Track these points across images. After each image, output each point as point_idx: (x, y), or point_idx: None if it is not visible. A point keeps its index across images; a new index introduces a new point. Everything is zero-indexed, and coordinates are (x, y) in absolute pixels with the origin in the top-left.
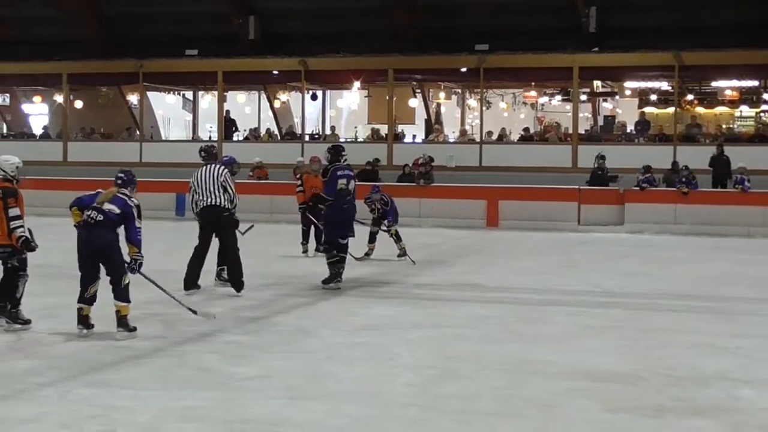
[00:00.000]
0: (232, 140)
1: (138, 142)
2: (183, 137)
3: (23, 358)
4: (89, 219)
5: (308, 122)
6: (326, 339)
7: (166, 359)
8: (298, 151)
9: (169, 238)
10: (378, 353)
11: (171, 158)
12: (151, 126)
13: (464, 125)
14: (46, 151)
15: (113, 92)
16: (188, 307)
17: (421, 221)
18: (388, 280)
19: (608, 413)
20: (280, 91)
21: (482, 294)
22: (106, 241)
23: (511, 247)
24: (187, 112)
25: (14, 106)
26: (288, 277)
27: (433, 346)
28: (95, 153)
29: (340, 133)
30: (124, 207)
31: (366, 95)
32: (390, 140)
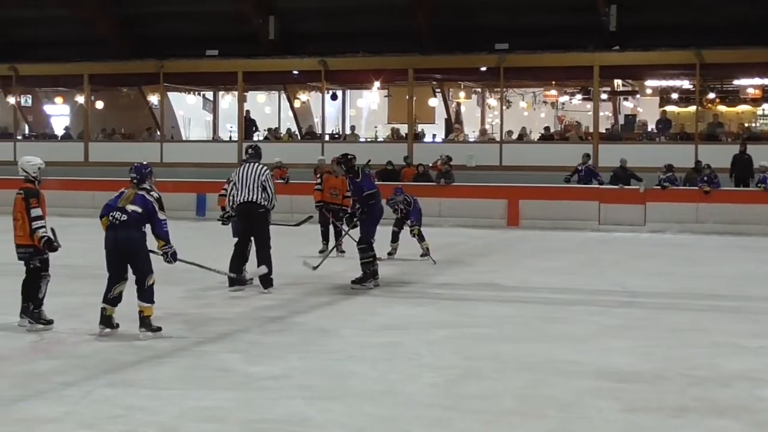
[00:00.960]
0: (252, 140)
1: (159, 143)
2: (203, 137)
3: (46, 358)
4: (114, 220)
5: (328, 122)
6: (347, 339)
7: (187, 359)
8: (318, 151)
9: (189, 238)
10: (399, 353)
11: (191, 158)
12: (171, 126)
13: (484, 124)
14: (67, 151)
15: (134, 93)
16: (228, 273)
17: (442, 221)
18: (409, 279)
19: (630, 413)
20: (300, 90)
21: (503, 294)
22: (132, 241)
23: (531, 247)
24: (207, 113)
25: (36, 107)
26: (308, 277)
27: (455, 345)
28: (116, 153)
29: (360, 133)
30: (145, 204)
31: (386, 95)
32: (410, 140)
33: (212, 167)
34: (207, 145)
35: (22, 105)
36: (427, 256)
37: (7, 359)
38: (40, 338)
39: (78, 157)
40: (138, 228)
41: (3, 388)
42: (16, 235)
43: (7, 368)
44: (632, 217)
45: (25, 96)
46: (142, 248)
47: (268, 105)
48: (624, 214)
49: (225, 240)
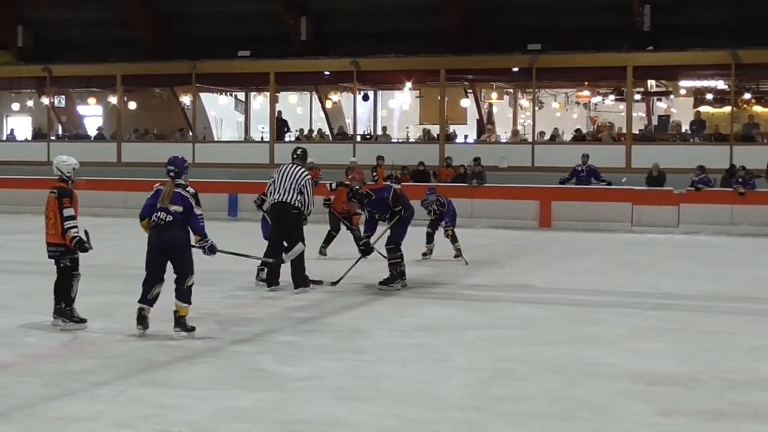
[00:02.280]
0: (283, 141)
1: (191, 143)
2: (235, 138)
3: (79, 357)
4: (159, 221)
5: (360, 123)
6: (379, 340)
7: (220, 359)
8: (350, 152)
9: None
10: (431, 354)
11: (223, 159)
12: (203, 127)
13: (516, 125)
14: (100, 151)
15: (166, 93)
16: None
17: (474, 222)
18: (441, 280)
19: (664, 416)
20: (332, 91)
21: (535, 295)
22: (177, 242)
23: (564, 248)
24: (239, 113)
25: (69, 108)
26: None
27: (487, 347)
28: (149, 153)
29: (392, 134)
30: (184, 202)
31: (417, 95)
32: (442, 141)
33: (244, 168)
34: (239, 146)
35: (56, 106)
36: (460, 257)
37: (41, 358)
38: (73, 337)
39: (111, 157)
40: (183, 228)
41: (37, 387)
42: (48, 234)
43: (42, 367)
44: (666, 218)
45: (58, 97)
46: (186, 249)
47: (300, 105)
48: (657, 216)
49: (257, 241)
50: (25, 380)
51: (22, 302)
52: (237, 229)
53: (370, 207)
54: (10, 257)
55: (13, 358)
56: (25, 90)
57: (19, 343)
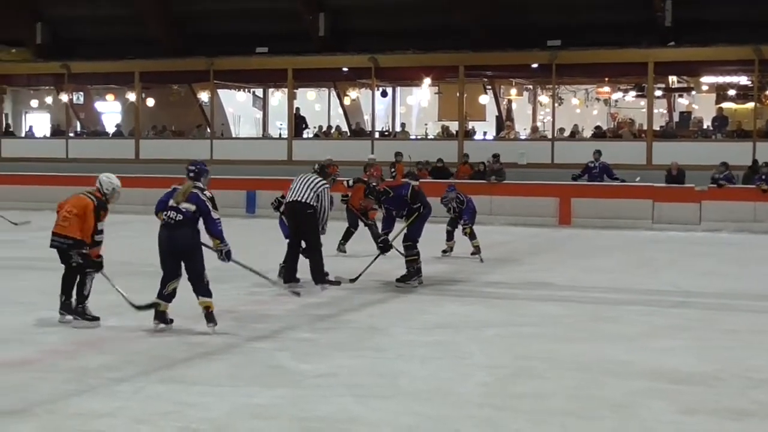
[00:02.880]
0: (301, 137)
1: (209, 140)
2: (253, 135)
3: (98, 354)
4: (169, 220)
5: (378, 119)
6: (397, 337)
7: (238, 356)
8: (368, 148)
9: (239, 235)
10: (450, 352)
11: (241, 155)
12: (221, 123)
13: (536, 122)
14: (118, 148)
15: (184, 90)
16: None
17: (493, 219)
18: (460, 278)
19: (685, 415)
20: (350, 88)
21: (555, 293)
22: (188, 241)
23: (583, 246)
24: (257, 110)
25: (88, 105)
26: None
27: (506, 344)
28: (167, 150)
29: (410, 130)
30: (199, 203)
31: (436, 92)
32: (460, 137)
33: (262, 164)
34: (257, 143)
35: (75, 102)
36: (477, 255)
37: (60, 354)
38: (91, 334)
39: (129, 154)
40: (193, 227)
41: (57, 383)
42: (58, 224)
43: (61, 363)
44: (687, 215)
45: (77, 93)
46: (197, 248)
47: (318, 102)
48: (678, 213)
49: (275, 238)
50: (46, 377)
51: (44, 299)
52: (255, 227)
53: (387, 204)
54: (33, 254)
55: (34, 354)
56: (44, 87)
57: (40, 340)
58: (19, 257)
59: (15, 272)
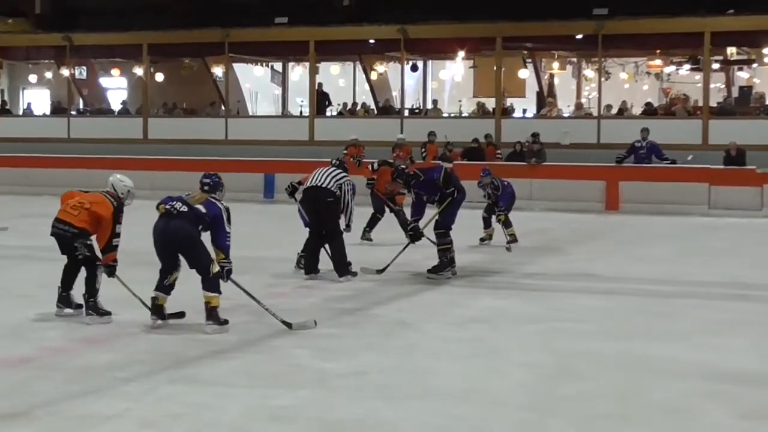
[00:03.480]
0: (324, 116)
1: (223, 118)
2: (272, 113)
3: (104, 352)
4: (172, 209)
5: (408, 96)
6: (428, 333)
7: (254, 354)
8: (397, 128)
9: (256, 222)
10: (485, 349)
11: (259, 135)
12: (237, 100)
13: (580, 98)
14: (125, 127)
15: (197, 64)
16: (281, 319)
17: (532, 204)
18: (496, 269)
19: (746, 420)
20: (377, 61)
21: (600, 285)
22: (186, 232)
23: (632, 233)
24: (276, 86)
25: (91, 80)
26: (383, 264)
27: (546, 341)
28: (177, 130)
29: (443, 108)
30: (214, 209)
31: (471, 66)
32: (498, 115)
33: (281, 145)
34: (276, 121)
35: (77, 78)
36: (512, 244)
37: (63, 352)
38: (97, 331)
39: (136, 133)
40: (194, 224)
41: (59, 383)
42: (67, 212)
43: (65, 362)
44: (747, 200)
45: (79, 68)
46: (196, 238)
47: (342, 77)
48: (737, 198)
49: (294, 226)
50: (47, 376)
51: (44, 292)
52: (273, 213)
53: (417, 188)
54: (32, 242)
55: (34, 352)
56: (44, 60)
57: (40, 337)
58: (15, 246)
59: (12, 262)
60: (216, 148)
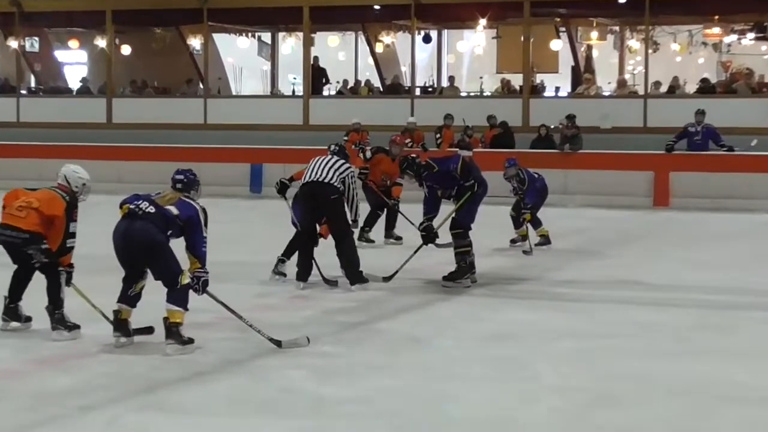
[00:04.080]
0: (321, 95)
1: (202, 99)
2: (259, 92)
3: (60, 375)
4: (136, 209)
5: (419, 72)
6: (445, 351)
7: (241, 377)
8: (407, 109)
9: (241, 220)
10: (513, 370)
11: (244, 118)
12: (218, 78)
13: (623, 74)
14: (85, 109)
15: (170, 35)
16: (269, 336)
17: (567, 199)
18: (524, 275)
19: None
20: (384, 31)
21: (648, 294)
22: (150, 236)
23: (685, 233)
24: (263, 60)
25: (45, 53)
26: (392, 271)
27: (585, 361)
28: (148, 112)
29: (461, 86)
30: (188, 210)
31: (494, 36)
32: (525, 94)
33: (270, 129)
34: (264, 102)
35: (27, 50)
36: (544, 244)
37: (14, 376)
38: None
39: (98, 117)
40: (162, 228)
41: (9, 413)
42: (12, 214)
43: (15, 387)
44: None
45: (30, 39)
46: (163, 244)
47: (342, 50)
48: None
49: (288, 225)
50: None
51: None
52: (261, 210)
53: (430, 181)
54: None
55: None
56: None
57: None
58: None
59: None
60: (194, 133)
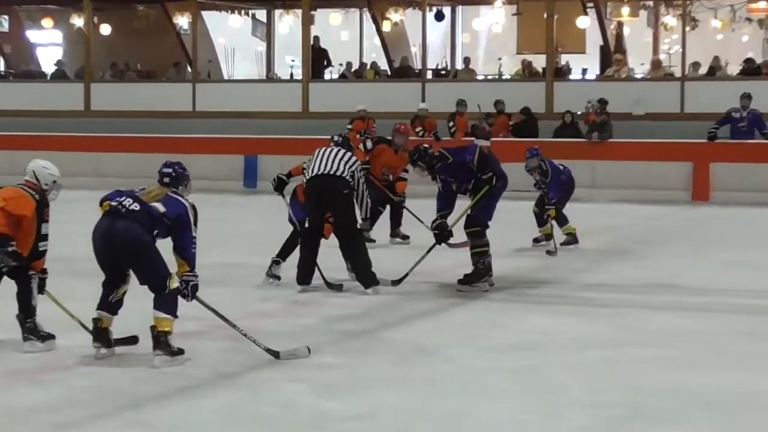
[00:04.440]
0: (322, 79)
1: (190, 84)
2: (253, 76)
3: (35, 388)
4: (119, 206)
5: (431, 53)
6: (460, 363)
7: (234, 391)
8: (417, 95)
9: (234, 218)
10: (535, 383)
11: (237, 105)
12: (208, 60)
13: (658, 54)
14: (60, 95)
15: (155, 12)
16: (265, 347)
17: (595, 193)
18: (548, 278)
19: None
20: (392, 8)
21: (684, 299)
22: (134, 235)
23: (727, 231)
24: (258, 40)
25: (16, 33)
26: (401, 274)
27: (615, 373)
28: (130, 99)
29: (477, 68)
30: (176, 208)
31: (514, 13)
32: (549, 77)
33: (266, 117)
34: (259, 87)
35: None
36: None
37: None
38: (27, 360)
39: (76, 104)
40: (147, 227)
41: None
42: None
43: None
44: None
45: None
46: (148, 245)
47: (346, 29)
48: None
49: (286, 223)
50: None
51: None
52: (256, 207)
53: (444, 174)
54: None
55: None
56: None
57: None
58: None
59: None
60: (181, 122)
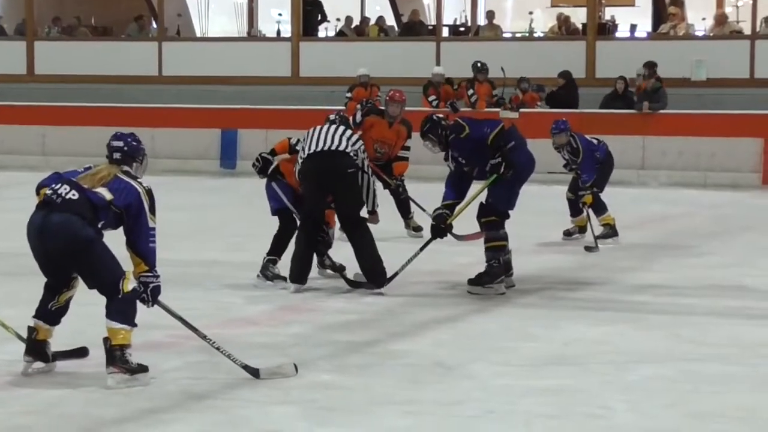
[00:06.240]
0: (316, 37)
1: (155, 42)
2: (232, 33)
3: None
4: (53, 196)
5: (447, 6)
6: (482, 380)
7: (211, 414)
8: (431, 57)
9: (208, 205)
10: (573, 405)
11: (212, 69)
12: (177, 14)
13: (723, 7)
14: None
15: None
16: (243, 364)
17: (646, 175)
18: (586, 278)
19: None
20: None
21: (755, 304)
22: (72, 232)
23: None
24: None
25: None
26: (413, 273)
27: (671, 393)
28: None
29: (503, 24)
30: (127, 194)
31: None
32: (591, 35)
33: (247, 83)
34: (238, 46)
35: None
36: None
37: None
38: None
39: (17, 67)
40: (89, 219)
41: None
42: None
43: None
44: None
45: None
46: (92, 241)
47: None
48: None
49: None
50: None
51: None
52: (235, 191)
53: (457, 151)
54: None
55: None
56: None
57: None
58: None
59: None
60: (145, 89)
